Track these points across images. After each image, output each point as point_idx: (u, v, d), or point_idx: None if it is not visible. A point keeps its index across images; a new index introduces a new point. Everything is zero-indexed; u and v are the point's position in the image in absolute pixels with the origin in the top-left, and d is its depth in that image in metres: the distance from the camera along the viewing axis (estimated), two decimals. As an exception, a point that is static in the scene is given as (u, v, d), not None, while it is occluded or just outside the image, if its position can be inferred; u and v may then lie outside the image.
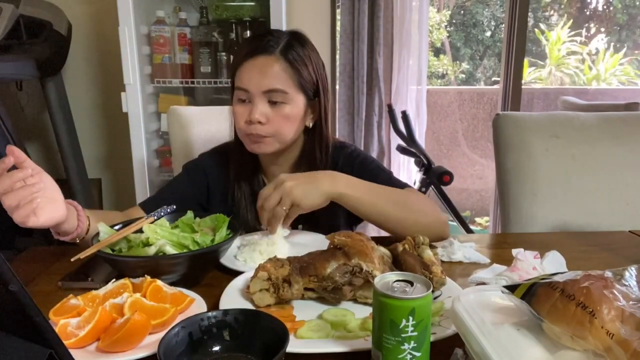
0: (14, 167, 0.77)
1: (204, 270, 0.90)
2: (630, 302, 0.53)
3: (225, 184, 1.19)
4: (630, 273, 0.59)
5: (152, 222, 0.92)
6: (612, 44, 5.15)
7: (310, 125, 1.14)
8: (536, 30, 5.16)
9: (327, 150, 1.16)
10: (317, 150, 1.15)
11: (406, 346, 0.55)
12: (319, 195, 0.95)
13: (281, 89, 1.05)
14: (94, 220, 0.93)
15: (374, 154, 2.60)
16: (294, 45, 1.08)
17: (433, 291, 0.58)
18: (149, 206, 1.11)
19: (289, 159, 1.18)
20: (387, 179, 1.12)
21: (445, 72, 5.33)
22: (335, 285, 0.74)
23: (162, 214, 0.97)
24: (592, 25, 5.34)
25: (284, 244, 0.99)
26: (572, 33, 5.18)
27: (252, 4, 2.26)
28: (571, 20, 5.19)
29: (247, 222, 1.17)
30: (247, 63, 1.06)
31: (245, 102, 1.08)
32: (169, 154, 2.23)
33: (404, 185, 1.12)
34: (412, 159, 2.41)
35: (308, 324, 0.70)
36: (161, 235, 0.87)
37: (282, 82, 1.06)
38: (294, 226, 1.17)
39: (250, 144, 1.10)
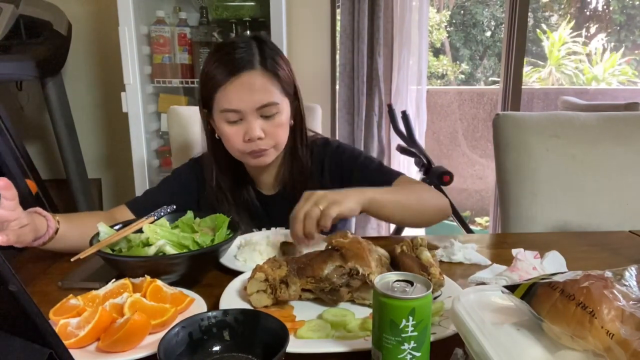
0: None
1: (204, 270, 0.90)
2: (630, 302, 0.53)
3: (217, 188, 1.18)
4: (630, 273, 0.59)
5: (152, 222, 0.92)
6: (612, 44, 5.15)
7: (291, 123, 1.14)
8: (537, 30, 5.17)
9: (307, 144, 1.17)
10: (299, 146, 1.16)
11: (406, 346, 0.55)
12: (354, 202, 0.92)
13: (273, 101, 1.05)
14: (65, 223, 0.93)
15: (374, 154, 2.61)
16: (266, 51, 1.06)
17: (432, 292, 0.58)
18: (136, 207, 1.11)
19: (276, 160, 1.16)
20: (377, 168, 1.14)
21: (445, 73, 5.33)
22: (333, 286, 0.74)
23: (162, 214, 0.97)
24: (591, 25, 5.34)
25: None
26: (574, 34, 5.19)
27: (252, 4, 2.26)
28: (573, 21, 5.19)
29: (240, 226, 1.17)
30: (230, 83, 1.03)
31: (237, 122, 1.05)
32: (169, 154, 2.22)
33: (396, 173, 1.13)
34: (412, 159, 2.42)
35: (308, 324, 0.70)
36: (161, 235, 0.87)
37: (271, 94, 1.05)
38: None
39: (252, 159, 1.09)
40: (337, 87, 2.62)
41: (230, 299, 0.77)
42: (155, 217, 0.95)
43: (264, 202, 1.20)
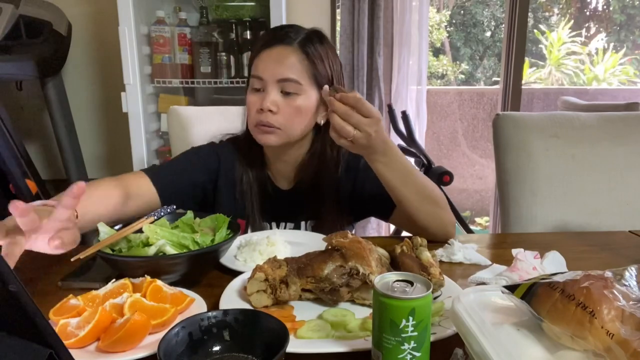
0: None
1: (204, 270, 0.90)
2: (630, 302, 0.53)
3: (234, 175, 1.18)
4: (630, 273, 0.59)
5: (152, 222, 0.92)
6: (612, 44, 5.15)
7: (322, 122, 1.11)
8: (535, 31, 5.17)
9: (339, 149, 1.14)
10: (327, 148, 1.13)
11: (406, 346, 0.55)
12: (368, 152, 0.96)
13: (295, 79, 1.04)
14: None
15: (374, 154, 2.60)
16: (313, 39, 1.09)
17: (432, 292, 0.58)
18: (156, 175, 1.09)
19: (297, 157, 1.15)
20: None
21: (445, 72, 5.33)
22: (333, 286, 0.74)
23: (162, 214, 0.97)
24: (592, 25, 5.34)
25: (285, 245, 0.99)
26: (573, 33, 5.19)
27: (252, 4, 2.27)
28: (572, 21, 5.20)
29: (252, 216, 1.16)
30: (264, 52, 1.07)
31: (260, 91, 1.07)
32: (169, 154, 2.22)
33: None
34: (412, 159, 2.41)
35: (308, 324, 0.70)
36: (161, 235, 0.87)
37: (297, 72, 1.05)
38: (296, 225, 1.17)
39: (259, 134, 1.08)
40: (337, 87, 2.62)
41: (230, 299, 0.77)
42: (155, 217, 0.95)
43: (276, 194, 1.19)
